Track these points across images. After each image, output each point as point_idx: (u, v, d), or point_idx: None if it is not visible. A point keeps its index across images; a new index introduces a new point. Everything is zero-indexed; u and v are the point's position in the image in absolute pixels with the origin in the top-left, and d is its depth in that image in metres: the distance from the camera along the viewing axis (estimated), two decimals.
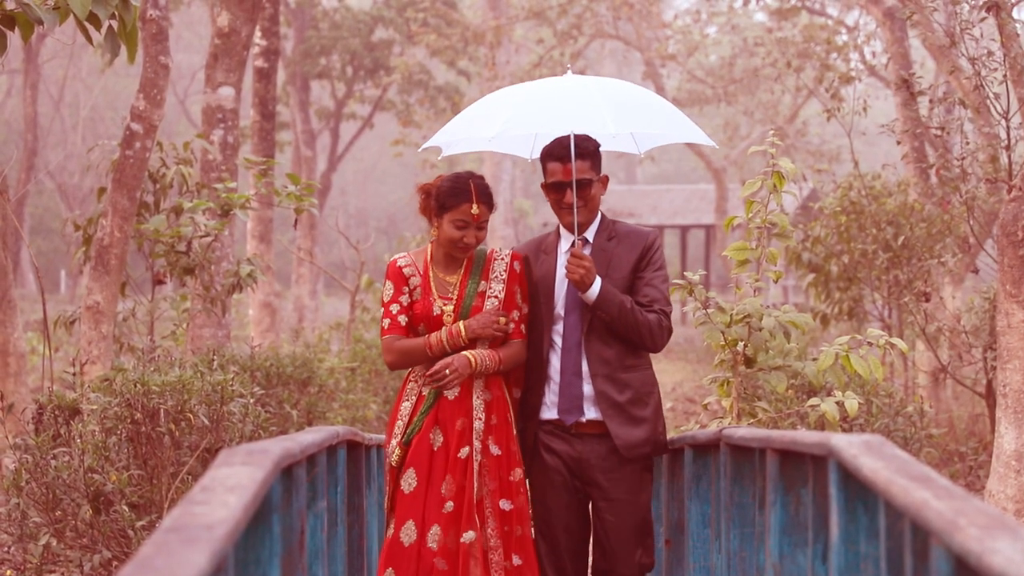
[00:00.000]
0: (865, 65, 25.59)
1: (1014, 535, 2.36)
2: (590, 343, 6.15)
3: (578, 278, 6.01)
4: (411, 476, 5.98)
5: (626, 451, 6.09)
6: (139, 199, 10.50)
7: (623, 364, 6.16)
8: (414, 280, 6.15)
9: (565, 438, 6.16)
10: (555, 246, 6.34)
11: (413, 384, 6.16)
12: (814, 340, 17.19)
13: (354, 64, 33.23)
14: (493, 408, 6.11)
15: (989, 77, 10.50)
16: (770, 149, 7.07)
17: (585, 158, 6.16)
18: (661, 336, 6.15)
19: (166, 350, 10.43)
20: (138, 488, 7.93)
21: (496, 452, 6.04)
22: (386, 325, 6.10)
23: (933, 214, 13.45)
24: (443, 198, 6.05)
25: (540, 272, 6.28)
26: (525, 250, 6.41)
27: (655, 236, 6.30)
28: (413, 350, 6.07)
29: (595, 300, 6.05)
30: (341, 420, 12.55)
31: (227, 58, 12.55)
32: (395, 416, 6.16)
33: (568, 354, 6.17)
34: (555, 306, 6.23)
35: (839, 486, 3.77)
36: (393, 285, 6.15)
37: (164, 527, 2.53)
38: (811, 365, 6.93)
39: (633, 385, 6.15)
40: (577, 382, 6.15)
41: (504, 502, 6.01)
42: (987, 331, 12.01)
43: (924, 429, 10.61)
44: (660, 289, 6.17)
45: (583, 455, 6.13)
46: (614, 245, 6.23)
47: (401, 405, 6.15)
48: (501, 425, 6.10)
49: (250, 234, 20.58)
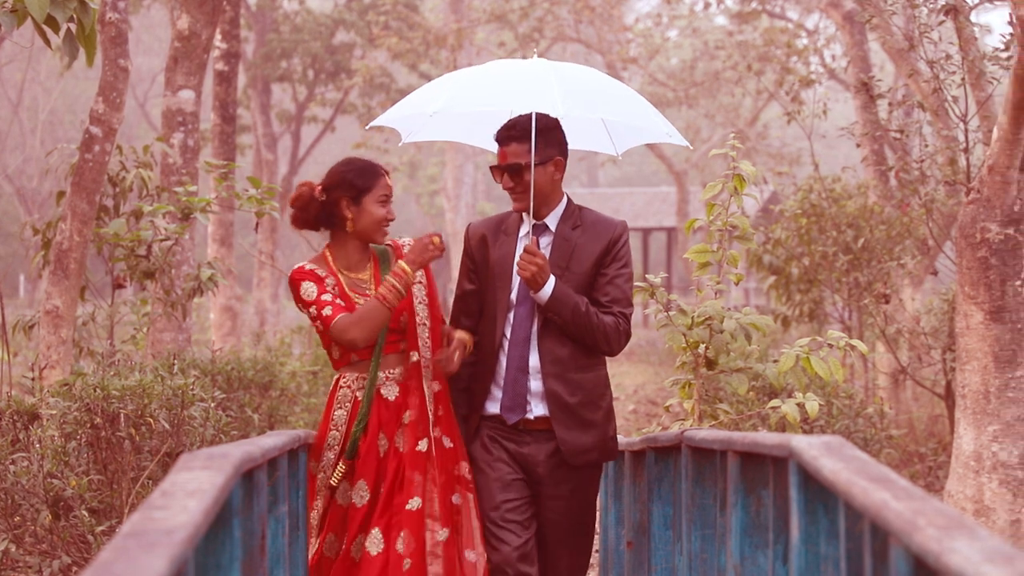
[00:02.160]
0: (825, 68, 25.71)
1: (972, 535, 2.37)
2: (543, 339, 5.77)
3: (529, 276, 5.65)
4: (362, 488, 5.70)
5: (571, 457, 5.78)
6: (98, 203, 10.44)
7: (576, 364, 5.79)
8: (329, 281, 5.77)
9: (509, 435, 5.83)
10: (516, 227, 5.94)
11: (346, 390, 5.81)
12: (775, 342, 17.24)
13: (315, 67, 33.16)
14: (440, 399, 5.84)
15: (947, 80, 10.56)
16: (731, 152, 7.09)
17: (523, 140, 5.77)
18: (618, 340, 5.80)
19: (126, 354, 10.38)
20: (98, 493, 7.89)
21: (448, 444, 5.78)
22: (328, 312, 5.65)
23: (892, 216, 13.52)
24: (360, 181, 5.79)
25: (499, 253, 5.89)
26: (485, 228, 6.02)
27: (623, 228, 5.89)
28: (370, 311, 5.63)
29: (547, 301, 5.69)
30: (303, 424, 12.51)
31: (187, 61, 12.51)
32: (326, 426, 5.82)
33: (515, 348, 5.79)
34: (510, 292, 5.84)
35: (799, 487, 3.78)
36: (313, 283, 5.74)
37: (124, 532, 2.52)
38: (772, 367, 6.96)
39: (586, 387, 5.80)
40: (523, 379, 5.78)
41: (455, 497, 5.76)
42: (946, 333, 12.08)
43: (884, 430, 10.68)
44: (623, 289, 5.81)
45: (529, 453, 5.80)
46: (578, 235, 5.83)
47: (333, 414, 5.81)
48: (447, 417, 5.84)
49: (211, 238, 20.49)
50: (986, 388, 8.52)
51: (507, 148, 5.79)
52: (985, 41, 20.24)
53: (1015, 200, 8.42)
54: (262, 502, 4.47)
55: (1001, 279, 8.47)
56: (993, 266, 8.47)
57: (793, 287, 14.55)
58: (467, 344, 5.88)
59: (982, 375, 8.53)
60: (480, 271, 5.96)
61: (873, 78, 13.06)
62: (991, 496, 8.47)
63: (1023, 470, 8.42)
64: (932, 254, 14.35)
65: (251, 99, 32.52)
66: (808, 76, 21.44)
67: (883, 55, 21.98)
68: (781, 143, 35.08)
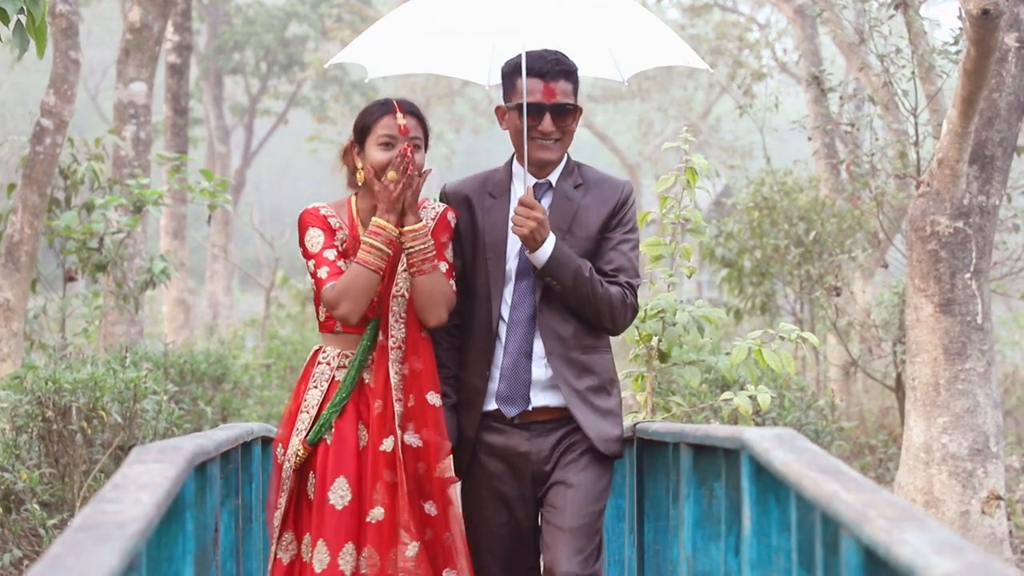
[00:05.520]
0: (776, 62, 25.80)
1: (921, 526, 2.39)
2: (544, 315, 4.95)
3: (527, 232, 4.80)
4: (342, 487, 4.77)
5: (602, 444, 4.94)
6: (50, 195, 10.39)
7: (581, 344, 4.99)
8: (341, 234, 4.95)
9: (509, 432, 4.99)
10: (506, 187, 5.08)
11: (324, 367, 4.94)
12: (727, 335, 17.31)
13: (268, 60, 33.06)
14: (411, 386, 4.90)
15: (897, 74, 10.62)
16: (683, 145, 7.11)
17: (570, 79, 5.00)
18: (623, 315, 5.01)
19: (78, 347, 10.35)
20: (49, 486, 7.85)
21: (416, 443, 4.85)
22: (324, 274, 4.84)
23: (843, 210, 13.59)
24: (361, 120, 4.93)
25: (488, 220, 5.03)
26: (466, 188, 5.13)
27: (630, 189, 5.13)
28: (355, 278, 4.75)
29: (546, 263, 4.84)
30: (256, 417, 12.49)
31: (139, 53, 12.45)
32: (296, 406, 4.94)
33: (517, 328, 4.96)
34: (506, 264, 5.00)
35: (751, 479, 3.80)
36: (322, 232, 4.91)
37: (75, 525, 2.51)
38: (724, 359, 6.98)
39: (595, 370, 5.00)
40: (526, 364, 4.95)
41: (429, 506, 4.87)
42: (897, 325, 12.16)
43: (835, 422, 10.75)
44: (629, 257, 5.04)
45: (531, 451, 4.98)
46: (581, 194, 5.03)
47: (307, 393, 4.94)
48: (420, 407, 4.88)
49: (163, 230, 20.42)
50: (936, 380, 8.58)
51: (555, 84, 4.95)
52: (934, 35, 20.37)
53: (964, 193, 8.48)
54: (215, 495, 4.46)
55: (951, 272, 8.53)
56: (943, 259, 8.53)
57: (745, 280, 14.59)
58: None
59: (932, 367, 8.59)
60: (465, 240, 5.09)
61: (824, 72, 13.12)
62: (940, 487, 8.54)
63: (972, 462, 8.48)
64: (883, 247, 14.44)
65: (203, 92, 32.41)
66: (760, 70, 21.56)
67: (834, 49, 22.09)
68: (733, 136, 35.17)
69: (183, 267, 19.88)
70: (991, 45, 7.84)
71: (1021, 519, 10.76)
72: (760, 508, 3.80)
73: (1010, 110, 8.46)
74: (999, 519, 8.48)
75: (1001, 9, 7.59)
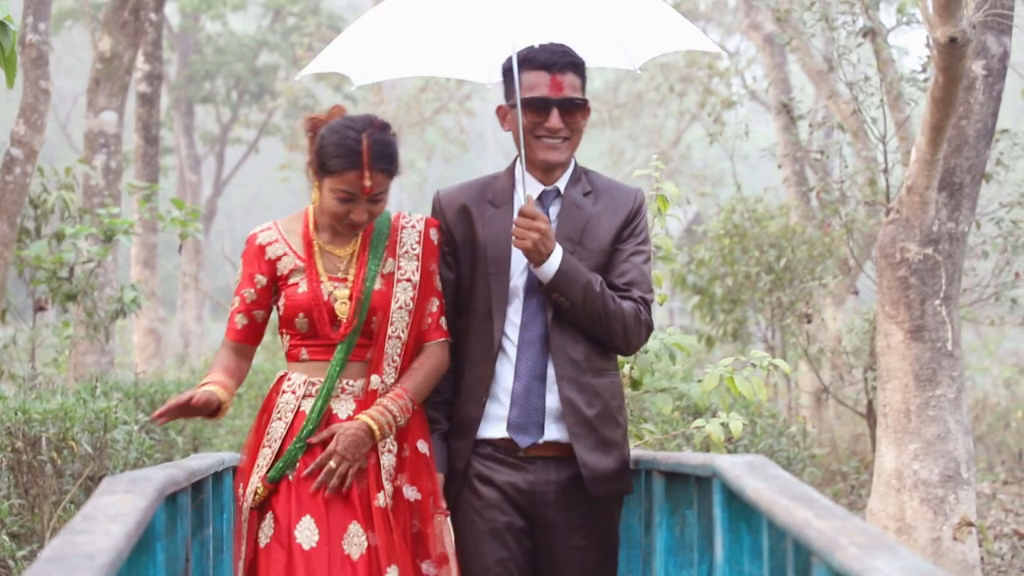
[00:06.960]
0: (746, 90, 25.90)
1: (893, 553, 2.40)
2: (556, 336, 4.54)
3: (530, 245, 4.40)
4: (309, 527, 4.28)
5: (594, 486, 4.57)
6: (20, 225, 10.35)
7: (592, 366, 4.59)
8: (285, 261, 4.46)
9: (511, 464, 4.57)
10: (509, 195, 4.65)
11: (289, 396, 4.45)
12: (699, 362, 17.33)
13: (239, 89, 33.04)
14: (407, 434, 4.49)
15: (866, 102, 10.67)
16: (654, 173, 7.12)
17: (579, 72, 4.62)
18: (637, 332, 4.60)
19: (48, 377, 10.29)
20: (19, 517, 7.80)
21: (414, 496, 4.45)
22: (236, 320, 4.53)
23: (814, 237, 13.63)
24: (324, 157, 4.35)
25: (489, 232, 4.59)
26: (462, 196, 4.69)
27: (643, 198, 4.74)
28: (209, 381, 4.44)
29: (552, 277, 4.44)
30: (228, 446, 12.44)
31: (109, 83, 12.43)
32: (259, 439, 4.47)
33: (529, 350, 4.54)
34: (510, 280, 4.58)
35: (723, 507, 3.80)
36: (253, 261, 4.50)
37: (45, 557, 2.50)
38: (696, 387, 6.98)
39: (604, 395, 4.60)
40: (540, 389, 4.53)
41: (426, 565, 4.44)
42: (867, 352, 12.19)
43: (807, 449, 10.76)
44: (642, 270, 4.64)
45: (535, 487, 4.56)
46: (591, 203, 4.64)
47: (270, 426, 4.46)
48: (415, 457, 4.49)
49: (134, 259, 20.34)
50: (907, 407, 8.60)
51: (563, 77, 4.58)
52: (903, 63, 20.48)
53: (934, 220, 8.52)
54: (186, 525, 4.44)
55: (921, 298, 8.56)
56: (913, 285, 8.56)
57: (717, 307, 14.61)
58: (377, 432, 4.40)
59: (903, 394, 8.61)
60: (462, 254, 4.66)
61: (793, 99, 13.19)
62: (912, 514, 8.55)
63: (943, 488, 8.50)
64: (853, 274, 14.48)
65: (174, 120, 32.36)
66: (730, 98, 21.64)
67: (803, 77, 22.19)
68: (704, 164, 35.26)
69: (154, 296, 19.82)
70: (959, 73, 7.88)
71: (993, 545, 10.79)
72: (732, 535, 3.80)
73: (978, 137, 8.51)
74: (971, 545, 8.50)
75: (968, 37, 7.63)
